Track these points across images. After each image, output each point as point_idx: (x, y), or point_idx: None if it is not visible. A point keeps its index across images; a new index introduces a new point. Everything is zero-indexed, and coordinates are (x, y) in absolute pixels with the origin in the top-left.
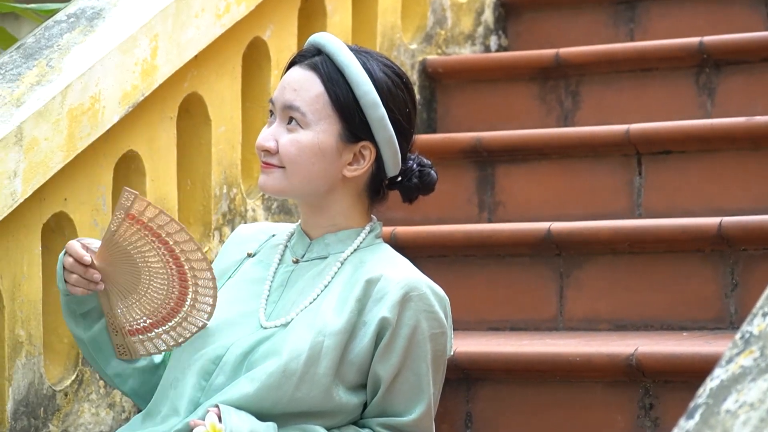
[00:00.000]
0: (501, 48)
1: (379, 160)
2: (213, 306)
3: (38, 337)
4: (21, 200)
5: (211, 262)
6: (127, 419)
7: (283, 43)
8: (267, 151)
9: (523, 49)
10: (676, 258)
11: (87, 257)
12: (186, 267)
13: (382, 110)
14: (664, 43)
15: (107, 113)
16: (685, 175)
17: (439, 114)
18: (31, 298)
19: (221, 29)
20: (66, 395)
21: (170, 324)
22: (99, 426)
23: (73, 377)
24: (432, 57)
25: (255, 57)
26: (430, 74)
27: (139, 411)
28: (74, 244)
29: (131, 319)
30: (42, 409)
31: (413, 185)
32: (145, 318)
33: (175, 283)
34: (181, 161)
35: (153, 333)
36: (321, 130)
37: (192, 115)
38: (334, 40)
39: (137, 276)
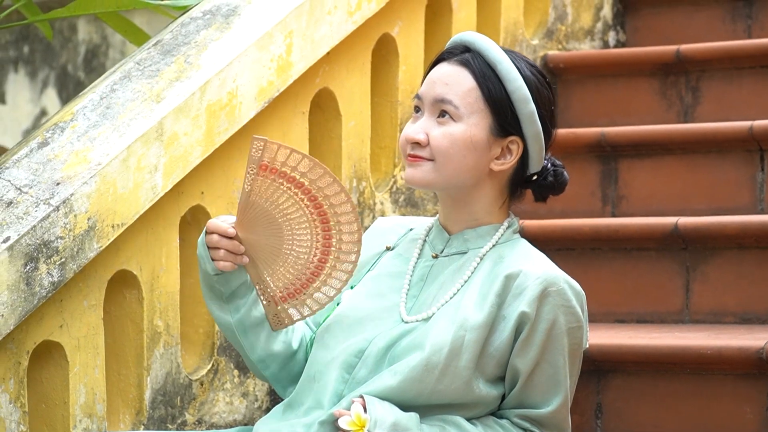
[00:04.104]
0: (619, 43)
1: (524, 156)
2: (359, 243)
3: (175, 328)
4: (161, 194)
5: None
6: (260, 408)
7: (410, 39)
8: (417, 144)
9: (640, 44)
10: None
11: (231, 229)
12: (325, 205)
13: (533, 105)
14: None
15: (244, 109)
16: None
17: (559, 108)
18: (169, 290)
19: (353, 26)
20: (201, 384)
21: (320, 279)
22: (233, 415)
23: (209, 367)
24: (553, 52)
25: (383, 53)
26: (551, 69)
27: (273, 400)
28: (215, 221)
29: (281, 284)
30: (179, 398)
31: (548, 184)
32: (294, 279)
33: (318, 230)
34: (312, 155)
35: (305, 293)
36: (473, 123)
37: (323, 110)
38: (484, 38)
39: (279, 235)
